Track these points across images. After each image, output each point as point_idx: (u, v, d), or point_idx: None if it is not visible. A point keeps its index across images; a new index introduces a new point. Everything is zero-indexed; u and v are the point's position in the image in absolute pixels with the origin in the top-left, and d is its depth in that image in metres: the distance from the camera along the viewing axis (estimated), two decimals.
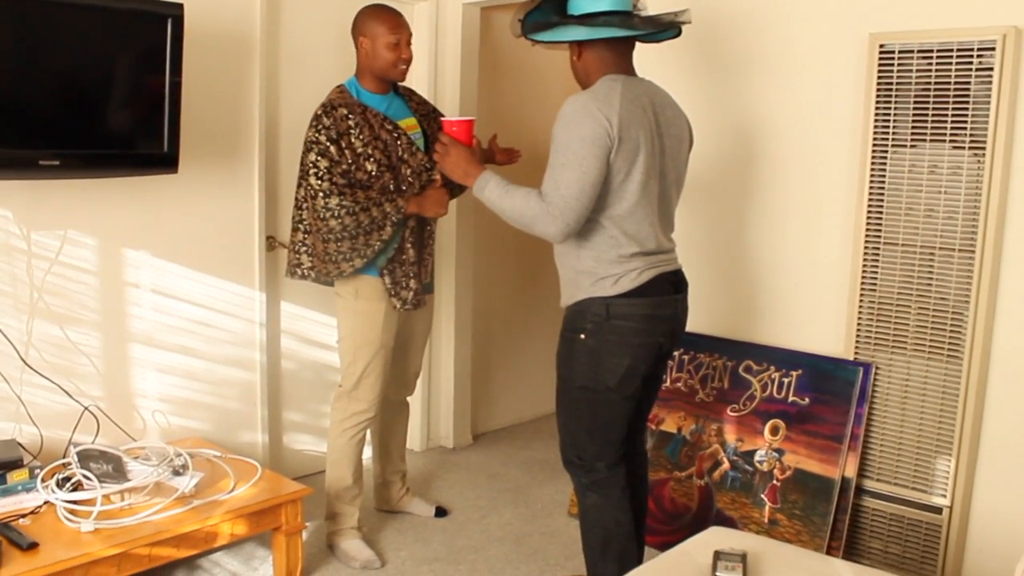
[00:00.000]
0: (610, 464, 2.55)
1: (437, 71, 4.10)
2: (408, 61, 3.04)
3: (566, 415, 2.58)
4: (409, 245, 3.05)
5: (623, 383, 2.46)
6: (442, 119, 2.66)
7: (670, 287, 2.51)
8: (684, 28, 2.54)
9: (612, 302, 2.40)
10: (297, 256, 3.07)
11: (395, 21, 3.01)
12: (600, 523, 2.59)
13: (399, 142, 3.01)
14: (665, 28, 2.47)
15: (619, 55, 2.46)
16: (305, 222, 3.01)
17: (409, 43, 3.04)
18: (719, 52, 3.27)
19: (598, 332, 2.42)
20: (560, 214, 2.31)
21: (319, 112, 2.95)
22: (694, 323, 2.99)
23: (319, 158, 2.90)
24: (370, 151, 2.95)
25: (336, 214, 2.86)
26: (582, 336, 2.44)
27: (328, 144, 2.90)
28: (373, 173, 2.95)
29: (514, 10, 2.45)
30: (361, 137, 2.94)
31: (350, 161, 2.92)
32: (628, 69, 2.49)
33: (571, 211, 2.30)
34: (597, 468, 2.55)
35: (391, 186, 2.98)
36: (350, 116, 2.94)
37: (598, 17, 2.39)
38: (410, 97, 3.22)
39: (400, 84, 3.18)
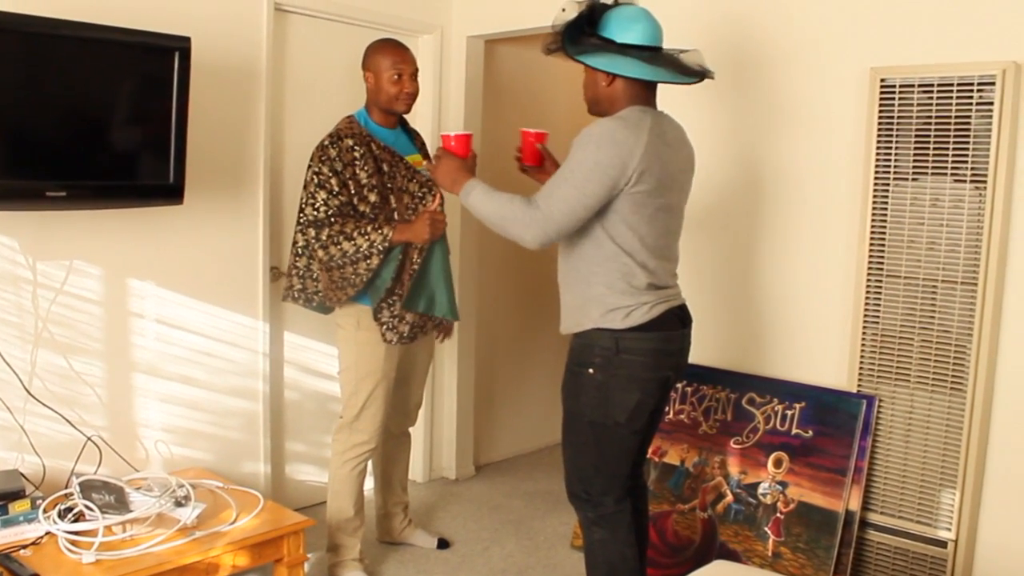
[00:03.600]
0: (617, 499, 2.54)
1: (441, 103, 4.12)
2: (412, 95, 3.07)
3: (573, 450, 2.57)
4: (407, 279, 3.05)
5: (632, 418, 2.45)
6: (441, 134, 2.70)
7: (678, 321, 2.51)
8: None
9: (622, 336, 2.39)
10: (302, 281, 3.09)
11: (398, 55, 3.05)
12: (606, 559, 2.57)
13: (396, 170, 3.03)
14: (699, 77, 2.47)
15: (650, 90, 2.47)
16: (307, 248, 3.03)
17: (414, 77, 3.07)
18: (723, 86, 3.29)
19: (607, 366, 2.41)
20: (542, 221, 2.31)
21: (325, 143, 2.97)
22: (698, 355, 2.99)
23: (317, 190, 2.94)
24: (374, 182, 2.97)
25: (323, 244, 2.91)
26: (590, 371, 2.43)
27: (330, 175, 2.92)
28: (376, 203, 2.97)
29: (553, 23, 2.41)
30: (366, 168, 2.96)
31: (352, 192, 2.95)
32: (653, 102, 2.49)
33: (553, 224, 2.31)
34: (604, 503, 2.53)
35: (395, 216, 3.00)
36: (356, 148, 2.96)
37: (653, 53, 2.38)
38: (415, 137, 3.27)
39: (408, 123, 3.22)
